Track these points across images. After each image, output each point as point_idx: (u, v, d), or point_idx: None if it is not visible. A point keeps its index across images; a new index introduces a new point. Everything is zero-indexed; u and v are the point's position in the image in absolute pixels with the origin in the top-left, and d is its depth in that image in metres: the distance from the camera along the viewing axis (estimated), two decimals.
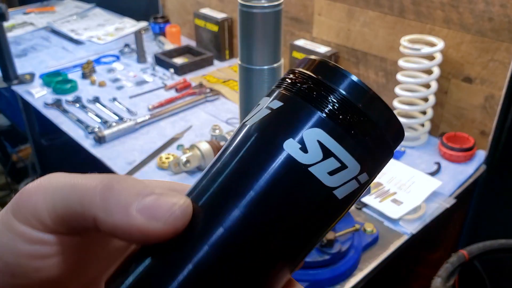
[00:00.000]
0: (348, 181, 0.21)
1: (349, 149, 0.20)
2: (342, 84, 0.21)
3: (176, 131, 1.24)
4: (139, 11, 1.98)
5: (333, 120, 0.20)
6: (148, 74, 1.55)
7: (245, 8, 0.87)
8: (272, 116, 0.21)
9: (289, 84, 0.22)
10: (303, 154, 0.20)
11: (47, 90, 1.44)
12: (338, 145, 0.20)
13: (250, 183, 0.20)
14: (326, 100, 0.21)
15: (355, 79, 0.21)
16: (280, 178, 0.20)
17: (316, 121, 0.20)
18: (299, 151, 0.20)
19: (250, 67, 0.90)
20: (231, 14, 1.60)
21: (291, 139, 0.20)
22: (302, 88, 0.21)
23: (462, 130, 1.14)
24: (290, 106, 0.21)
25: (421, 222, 0.93)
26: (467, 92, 1.11)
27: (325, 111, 0.20)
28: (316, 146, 0.20)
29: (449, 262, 0.98)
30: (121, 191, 0.19)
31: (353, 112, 0.21)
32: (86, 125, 1.25)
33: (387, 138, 0.21)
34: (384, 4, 1.18)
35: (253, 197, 0.20)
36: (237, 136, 0.22)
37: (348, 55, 1.31)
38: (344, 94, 0.21)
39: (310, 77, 0.22)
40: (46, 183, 0.20)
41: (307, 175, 0.20)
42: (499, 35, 1.01)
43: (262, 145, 0.21)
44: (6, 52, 1.45)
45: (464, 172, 1.07)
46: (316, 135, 0.20)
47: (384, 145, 0.21)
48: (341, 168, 0.20)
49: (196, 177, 1.09)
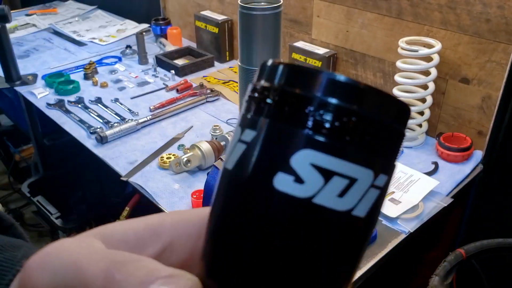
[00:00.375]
0: (365, 193, 0.17)
1: (351, 158, 0.17)
2: (314, 86, 0.17)
3: (177, 131, 1.26)
4: (141, 13, 2.00)
5: (319, 133, 0.16)
6: (150, 75, 1.57)
7: (245, 10, 0.89)
8: (249, 152, 0.17)
9: (255, 104, 0.18)
10: (300, 186, 0.16)
11: (50, 90, 1.46)
12: (337, 159, 0.16)
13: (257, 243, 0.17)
14: (302, 111, 0.17)
15: (327, 75, 0.17)
16: (287, 226, 0.17)
17: (299, 141, 0.16)
18: (294, 185, 0.16)
19: (250, 68, 0.92)
20: (231, 16, 1.62)
21: (279, 173, 0.17)
22: (269, 106, 0.17)
23: (459, 131, 1.15)
24: (263, 132, 0.17)
25: (419, 221, 0.95)
26: (464, 93, 1.12)
27: (306, 125, 0.16)
28: (311, 171, 0.16)
29: (446, 260, 0.98)
30: (123, 281, 0.17)
31: (340, 115, 0.17)
32: (88, 125, 1.27)
33: (390, 125, 0.18)
34: (382, 6, 1.19)
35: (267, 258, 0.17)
36: (222, 189, 0.19)
37: (347, 56, 1.33)
38: (321, 98, 0.17)
39: (274, 89, 0.17)
40: (49, 259, 0.19)
41: (314, 209, 0.17)
42: (496, 36, 1.02)
43: (252, 194, 0.17)
44: (9, 53, 1.46)
45: (461, 171, 1.09)
46: (307, 158, 0.16)
47: (390, 133, 0.18)
48: (350, 183, 0.17)
49: (196, 177, 1.11)
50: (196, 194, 0.98)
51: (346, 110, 0.17)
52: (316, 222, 0.17)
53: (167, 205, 0.99)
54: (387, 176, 0.18)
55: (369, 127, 0.17)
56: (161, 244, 0.21)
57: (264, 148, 0.17)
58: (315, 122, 0.17)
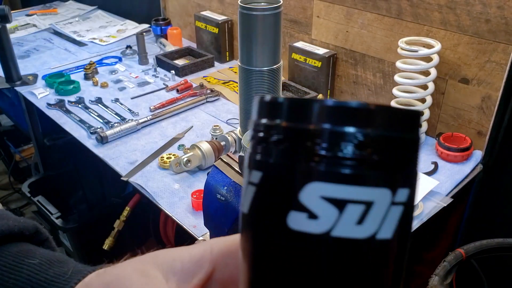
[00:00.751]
0: (386, 213, 0.16)
1: (363, 182, 0.16)
2: (313, 117, 0.16)
3: (177, 131, 1.26)
4: (141, 14, 2.00)
5: (325, 163, 0.16)
6: (150, 75, 1.57)
7: (245, 10, 0.89)
8: (259, 194, 0.17)
9: (257, 144, 0.18)
10: (314, 222, 0.16)
11: (50, 91, 1.46)
12: (346, 186, 0.16)
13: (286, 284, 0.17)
14: (304, 145, 0.16)
15: (315, 104, 0.16)
16: (313, 265, 0.16)
17: (304, 176, 0.16)
18: (308, 222, 0.16)
19: (250, 69, 0.92)
20: (231, 17, 1.62)
21: (291, 212, 0.16)
22: (272, 145, 0.17)
23: (459, 131, 1.15)
24: (270, 172, 0.17)
25: (418, 221, 0.95)
26: (464, 93, 1.12)
27: (307, 159, 0.16)
28: (323, 204, 0.16)
29: (446, 260, 0.98)
30: None
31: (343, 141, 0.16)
32: (88, 125, 1.27)
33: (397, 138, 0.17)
34: (382, 6, 1.20)
35: None
36: (245, 234, 0.19)
37: (346, 56, 1.33)
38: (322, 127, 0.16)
39: (274, 127, 0.17)
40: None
41: (335, 243, 0.16)
42: (496, 36, 1.02)
43: (270, 237, 0.17)
44: (9, 53, 1.46)
45: (461, 171, 1.09)
46: (315, 192, 0.16)
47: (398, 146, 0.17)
48: (367, 208, 0.16)
49: (196, 177, 1.11)
50: (196, 194, 0.98)
51: (351, 135, 0.16)
52: (341, 255, 0.16)
53: (167, 205, 0.99)
54: (409, 188, 0.17)
55: (372, 146, 0.16)
56: (203, 274, 0.22)
57: (271, 188, 0.17)
58: (314, 153, 0.16)
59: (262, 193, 0.17)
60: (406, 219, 0.17)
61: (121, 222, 1.36)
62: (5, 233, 0.29)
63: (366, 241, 0.16)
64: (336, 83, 1.39)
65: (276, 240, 0.17)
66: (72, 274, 0.26)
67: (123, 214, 1.38)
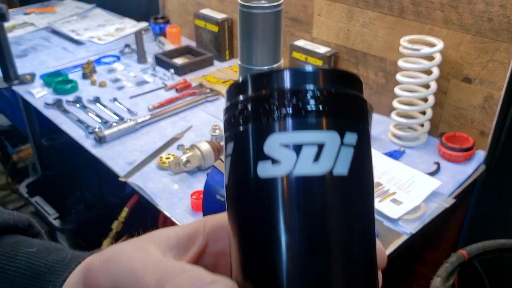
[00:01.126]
0: (338, 153, 0.19)
1: (313, 127, 0.19)
2: (265, 84, 0.20)
3: (176, 131, 1.25)
4: (140, 12, 1.99)
5: (280, 117, 0.19)
6: (149, 74, 1.56)
7: (245, 8, 0.88)
8: (234, 160, 0.20)
9: (227, 123, 0.21)
10: (278, 166, 0.19)
11: (48, 90, 1.45)
12: (299, 132, 0.19)
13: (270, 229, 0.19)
14: (262, 107, 0.20)
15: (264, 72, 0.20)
16: (282, 203, 0.19)
17: (267, 130, 0.19)
18: (273, 167, 0.19)
19: (250, 68, 0.91)
20: (231, 15, 1.61)
21: (259, 163, 0.19)
22: (235, 118, 0.20)
23: (461, 130, 1.14)
24: (238, 139, 0.20)
25: (420, 222, 0.94)
26: (466, 93, 1.11)
27: (268, 116, 0.19)
28: (282, 150, 0.19)
29: (448, 262, 0.98)
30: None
31: (293, 98, 0.19)
32: (86, 125, 1.26)
33: (336, 92, 0.20)
34: (383, 4, 1.18)
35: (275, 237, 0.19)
36: (230, 203, 0.21)
37: (348, 55, 1.32)
38: (273, 90, 0.20)
39: (235, 104, 0.21)
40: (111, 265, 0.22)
41: (298, 181, 0.19)
42: (499, 35, 1.01)
43: (248, 193, 0.20)
44: (6, 52, 1.45)
45: (463, 172, 1.08)
46: (275, 142, 0.19)
47: (339, 99, 0.20)
48: (320, 148, 0.19)
49: (196, 177, 1.10)
50: (195, 194, 0.97)
51: (291, 92, 0.19)
52: (306, 190, 0.19)
53: (166, 206, 0.98)
54: (356, 133, 0.20)
55: (317, 99, 0.19)
56: (198, 247, 0.25)
57: (242, 150, 0.20)
58: (270, 111, 0.19)
59: (236, 158, 0.20)
60: (358, 160, 0.20)
61: (120, 223, 1.35)
62: (0, 225, 0.31)
63: (324, 176, 0.19)
64: None
65: (253, 193, 0.20)
66: (71, 259, 0.28)
67: (121, 215, 1.37)
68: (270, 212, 0.19)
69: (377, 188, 1.02)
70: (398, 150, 1.15)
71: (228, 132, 0.21)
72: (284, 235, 0.19)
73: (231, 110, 0.21)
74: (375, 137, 1.21)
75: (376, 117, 1.25)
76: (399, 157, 1.13)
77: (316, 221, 0.19)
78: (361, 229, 0.20)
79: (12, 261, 0.28)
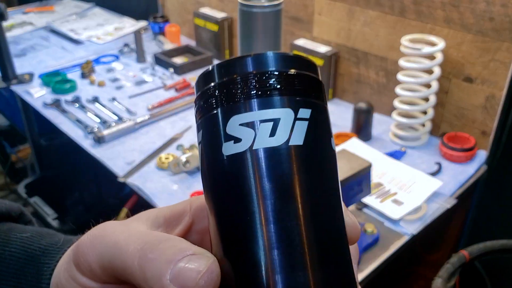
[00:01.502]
0: (293, 126, 0.21)
1: (266, 105, 0.21)
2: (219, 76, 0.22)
3: (176, 131, 1.24)
4: (139, 11, 1.98)
5: (235, 102, 0.21)
6: (148, 74, 1.55)
7: (245, 7, 0.87)
8: (203, 146, 0.23)
9: (196, 113, 0.23)
10: (239, 144, 0.21)
11: (46, 90, 1.44)
12: (257, 111, 0.21)
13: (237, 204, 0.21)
14: (219, 95, 0.22)
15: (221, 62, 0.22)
16: (247, 175, 0.21)
17: (228, 114, 0.21)
18: (235, 145, 0.21)
19: None
20: (231, 14, 1.60)
21: (223, 144, 0.21)
22: (201, 108, 0.23)
23: (462, 130, 1.14)
24: (205, 126, 0.22)
25: (421, 222, 0.93)
26: (467, 92, 1.10)
27: (228, 101, 0.21)
28: (242, 129, 0.21)
29: (449, 262, 0.97)
30: (155, 260, 0.21)
31: (244, 82, 0.21)
32: (85, 125, 1.25)
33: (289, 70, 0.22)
34: (384, 3, 1.18)
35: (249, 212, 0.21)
36: (204, 185, 0.23)
37: (349, 54, 1.31)
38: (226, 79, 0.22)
39: (199, 95, 0.23)
40: (97, 240, 0.24)
41: (258, 153, 0.21)
42: (500, 35, 1.00)
43: (217, 173, 0.22)
44: (5, 52, 1.44)
45: (464, 172, 1.07)
46: (235, 122, 0.21)
47: (291, 76, 0.22)
48: (275, 124, 0.21)
49: (195, 177, 1.09)
50: (195, 195, 0.96)
51: (244, 76, 0.21)
52: (266, 162, 0.21)
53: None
54: (310, 109, 0.22)
55: (266, 79, 0.21)
56: (184, 225, 0.26)
57: (209, 135, 0.22)
58: (228, 95, 0.21)
59: (205, 143, 0.22)
60: (313, 131, 0.21)
61: None
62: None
63: (281, 147, 0.21)
64: (339, 82, 1.37)
65: (220, 170, 0.22)
66: (64, 242, 0.30)
67: (120, 216, 1.36)
68: (236, 185, 0.21)
69: (378, 189, 1.01)
70: (399, 150, 1.14)
71: (197, 121, 0.23)
72: (250, 204, 0.21)
73: (197, 101, 0.23)
74: (376, 137, 1.21)
75: (377, 116, 1.24)
76: (400, 157, 1.12)
77: (278, 187, 0.21)
78: (322, 193, 0.22)
79: (7, 246, 0.30)
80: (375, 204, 0.97)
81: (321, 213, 0.21)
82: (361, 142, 1.15)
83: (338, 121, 1.26)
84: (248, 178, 0.21)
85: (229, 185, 0.21)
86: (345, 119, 1.24)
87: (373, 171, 1.04)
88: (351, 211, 0.93)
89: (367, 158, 0.86)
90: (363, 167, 0.83)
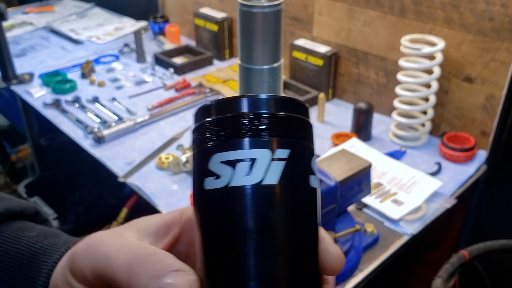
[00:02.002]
0: (269, 166, 0.22)
1: (245, 145, 0.22)
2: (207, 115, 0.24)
3: (176, 131, 1.24)
4: (139, 11, 1.98)
5: (220, 140, 0.23)
6: (148, 74, 1.55)
7: (245, 7, 0.87)
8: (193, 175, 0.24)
9: (191, 146, 0.26)
10: (219, 180, 0.22)
11: (46, 90, 1.44)
12: (234, 151, 0.22)
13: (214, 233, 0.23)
14: (206, 133, 0.23)
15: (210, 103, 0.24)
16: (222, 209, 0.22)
17: (211, 152, 0.23)
18: (215, 181, 0.23)
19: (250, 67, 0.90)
20: (231, 14, 1.60)
21: (205, 179, 0.23)
22: (193, 142, 0.25)
23: (462, 130, 1.14)
24: (195, 159, 0.24)
25: (421, 222, 0.93)
26: (467, 92, 1.10)
27: (212, 139, 0.23)
28: (222, 166, 0.22)
29: (449, 262, 0.97)
30: (141, 275, 0.23)
31: (226, 123, 0.23)
32: (85, 125, 1.25)
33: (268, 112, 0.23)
34: (384, 3, 1.18)
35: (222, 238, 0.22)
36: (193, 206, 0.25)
37: (349, 54, 1.31)
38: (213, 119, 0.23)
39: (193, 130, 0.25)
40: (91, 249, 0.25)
41: (234, 191, 0.22)
42: (500, 35, 1.00)
43: (199, 200, 0.24)
44: (5, 51, 1.44)
45: (464, 172, 1.07)
46: (217, 160, 0.23)
47: (264, 121, 0.23)
48: (252, 163, 0.22)
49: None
50: None
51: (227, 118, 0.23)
52: (240, 199, 0.22)
53: (165, 206, 0.97)
54: (289, 149, 0.23)
55: (249, 122, 0.23)
56: (173, 235, 0.27)
57: (196, 168, 0.24)
58: (213, 134, 0.23)
59: (194, 174, 0.24)
60: (289, 171, 0.22)
61: (118, 224, 1.35)
62: (8, 211, 0.34)
63: (256, 186, 0.22)
64: (338, 82, 1.37)
65: (202, 202, 0.23)
66: (63, 243, 0.31)
67: (120, 216, 1.36)
68: (214, 218, 0.23)
69: (378, 189, 1.01)
70: (399, 150, 1.15)
71: (191, 153, 0.26)
72: (224, 238, 0.22)
73: (192, 135, 0.25)
74: (375, 137, 1.21)
75: (377, 116, 1.24)
76: (400, 157, 1.12)
77: (249, 224, 0.22)
78: (293, 229, 0.23)
79: (15, 243, 0.32)
80: (375, 204, 0.97)
81: (291, 249, 0.22)
82: (361, 142, 1.15)
83: (338, 121, 1.26)
84: (224, 213, 0.22)
85: (209, 217, 0.23)
86: (345, 119, 1.24)
87: (373, 171, 1.04)
88: (351, 211, 0.93)
89: (367, 158, 0.86)
90: (363, 167, 0.83)
